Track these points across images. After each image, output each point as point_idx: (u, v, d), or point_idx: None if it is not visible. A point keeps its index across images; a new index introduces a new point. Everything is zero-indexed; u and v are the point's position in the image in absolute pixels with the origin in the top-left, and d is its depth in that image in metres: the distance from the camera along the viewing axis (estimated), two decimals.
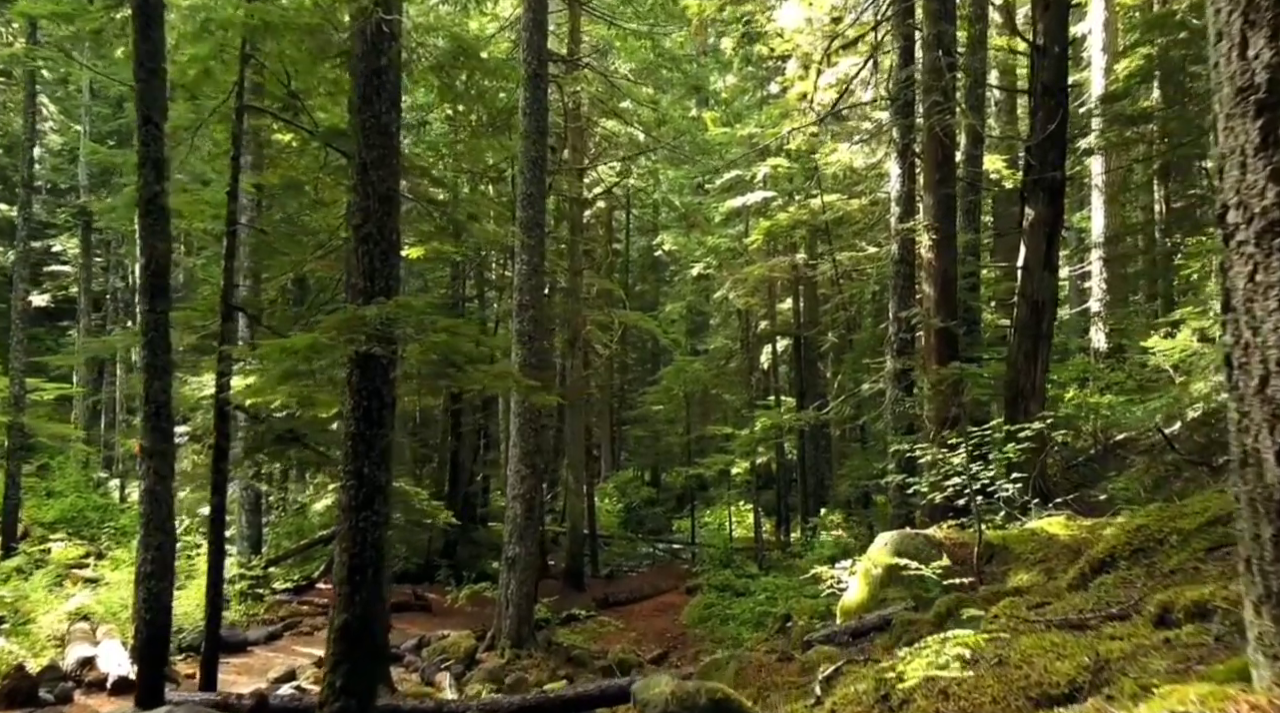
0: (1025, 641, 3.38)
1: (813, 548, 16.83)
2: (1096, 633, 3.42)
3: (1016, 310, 11.68)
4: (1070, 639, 3.31)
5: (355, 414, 6.27)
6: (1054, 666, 2.96)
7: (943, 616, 6.28)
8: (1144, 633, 3.12)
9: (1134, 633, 3.16)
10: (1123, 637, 3.17)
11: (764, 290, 24.77)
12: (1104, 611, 3.93)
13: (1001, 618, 4.37)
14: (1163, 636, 2.92)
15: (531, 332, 13.34)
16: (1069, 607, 4.25)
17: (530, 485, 13.21)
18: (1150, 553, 4.91)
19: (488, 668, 11.95)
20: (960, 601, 6.32)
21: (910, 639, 6.29)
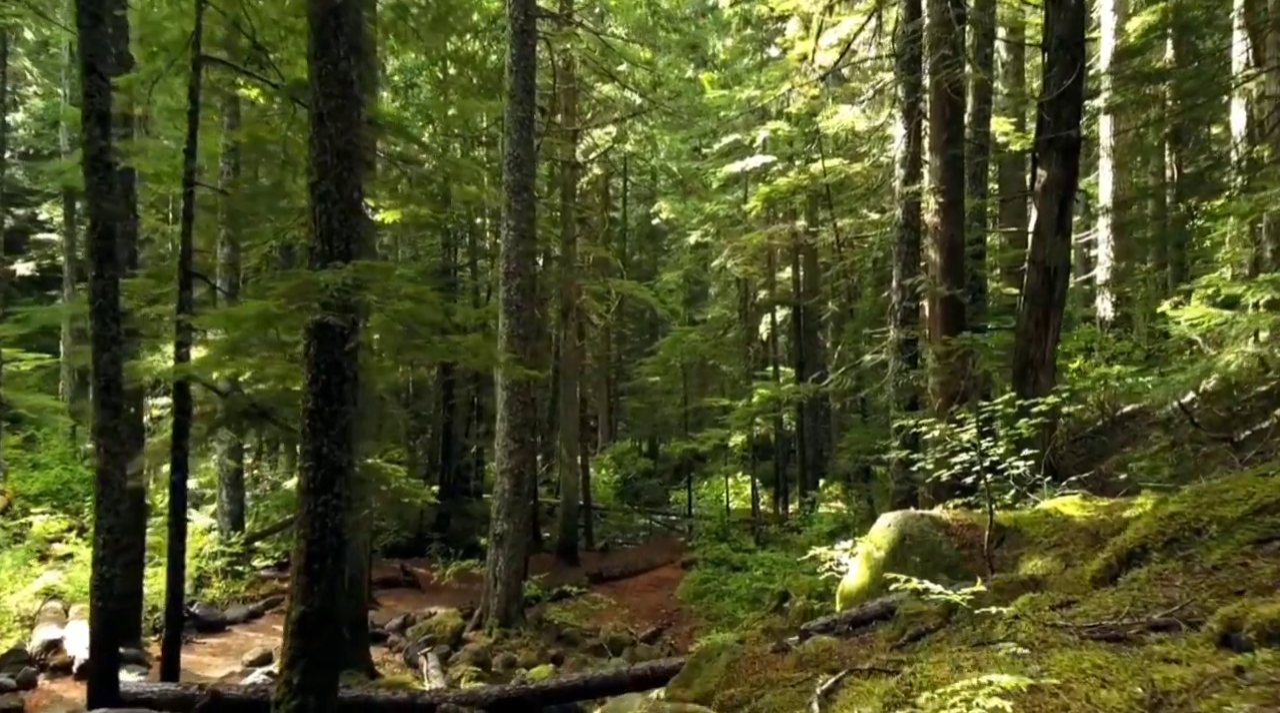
0: (1059, 658, 2.90)
1: (811, 522, 16.40)
2: (1143, 649, 2.93)
3: (1027, 277, 11.12)
4: (1113, 658, 2.82)
5: (313, 389, 5.75)
6: (1099, 695, 2.47)
7: (951, 608, 5.80)
8: (1205, 655, 2.63)
9: (1192, 654, 2.67)
10: (1179, 659, 2.68)
11: (763, 259, 24.20)
12: (1144, 617, 3.43)
13: (1023, 622, 3.88)
14: (1232, 662, 2.43)
15: (519, 301, 12.80)
16: (1101, 609, 3.75)
17: (519, 460, 12.73)
18: (1186, 544, 4.41)
19: (474, 649, 11.54)
20: (971, 591, 5.84)
21: (916, 632, 5.83)
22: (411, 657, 11.33)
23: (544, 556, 19.94)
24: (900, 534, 7.36)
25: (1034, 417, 7.34)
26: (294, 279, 5.36)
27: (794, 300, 23.52)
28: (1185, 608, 3.44)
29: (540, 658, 12.04)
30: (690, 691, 6.25)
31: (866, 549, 7.70)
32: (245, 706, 6.74)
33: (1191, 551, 4.35)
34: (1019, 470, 8.03)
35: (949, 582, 7.04)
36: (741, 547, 18.73)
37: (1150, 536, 4.63)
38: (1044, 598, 4.28)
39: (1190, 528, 4.52)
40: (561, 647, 12.84)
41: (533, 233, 13.56)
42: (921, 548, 7.17)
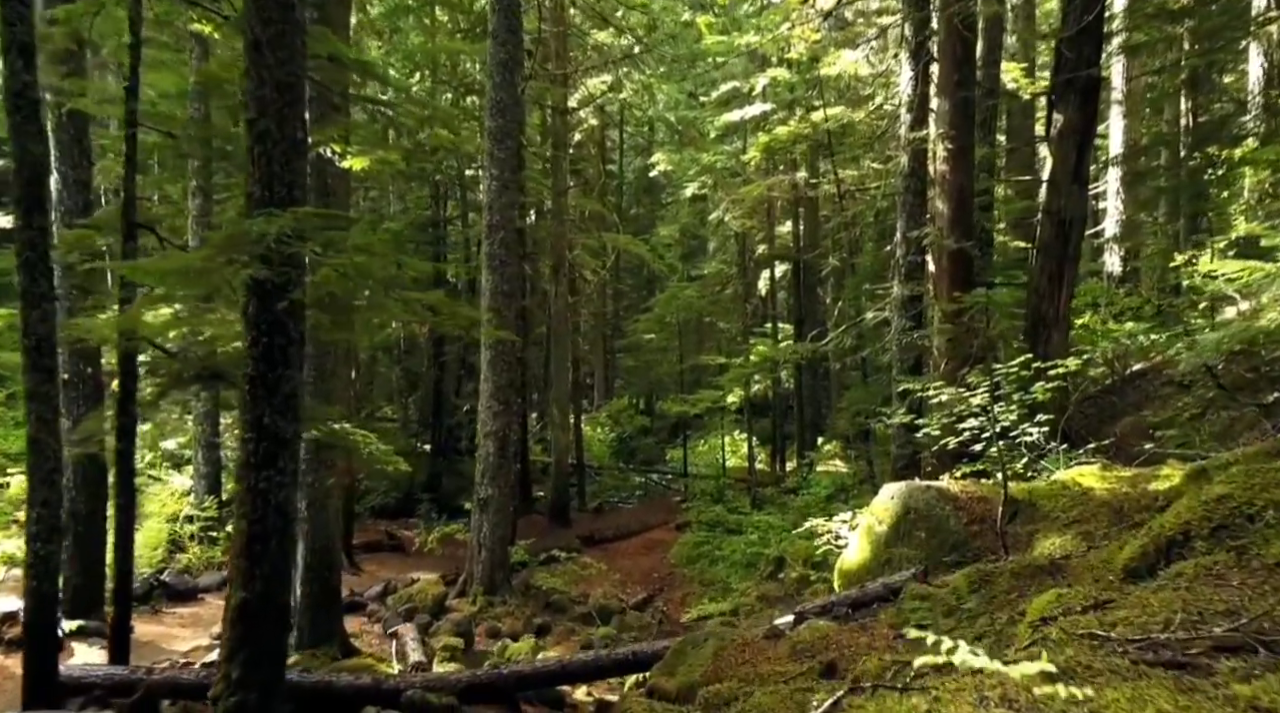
0: (1112, 695, 2.34)
1: (808, 485, 15.90)
2: (1216, 684, 2.38)
3: (1040, 229, 10.47)
4: (1184, 700, 2.27)
5: (254, 352, 5.15)
6: None
7: (961, 593, 5.26)
8: None
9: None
10: (1271, 705, 2.12)
11: (762, 212, 23.44)
12: (1204, 630, 2.88)
13: (1053, 628, 3.31)
14: None
15: (504, 256, 12.14)
16: (1146, 615, 3.18)
17: (504, 422, 12.17)
18: (1238, 533, 3.84)
19: (456, 619, 11.08)
20: (983, 574, 5.29)
21: (922, 621, 5.29)
22: (391, 626, 10.87)
23: (535, 517, 19.51)
24: (904, 507, 6.81)
25: (1051, 380, 6.75)
26: (225, 229, 4.74)
27: (794, 255, 22.82)
28: (1254, 620, 2.87)
29: (526, 627, 11.59)
30: (674, 680, 5.73)
31: (867, 523, 7.16)
32: (196, 691, 6.24)
33: (1244, 541, 3.77)
34: (1032, 437, 7.47)
35: (957, 560, 6.51)
36: (737, 509, 18.28)
37: (1194, 521, 4.05)
38: (1074, 595, 3.71)
39: (1241, 513, 3.94)
40: (548, 615, 12.40)
41: (518, 183, 12.85)
42: (927, 523, 6.63)
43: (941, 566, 6.38)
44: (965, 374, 9.48)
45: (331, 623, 9.34)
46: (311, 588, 9.20)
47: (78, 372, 10.01)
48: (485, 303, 12.20)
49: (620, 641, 11.61)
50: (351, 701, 6.45)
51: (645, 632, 12.08)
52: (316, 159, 9.10)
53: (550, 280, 19.96)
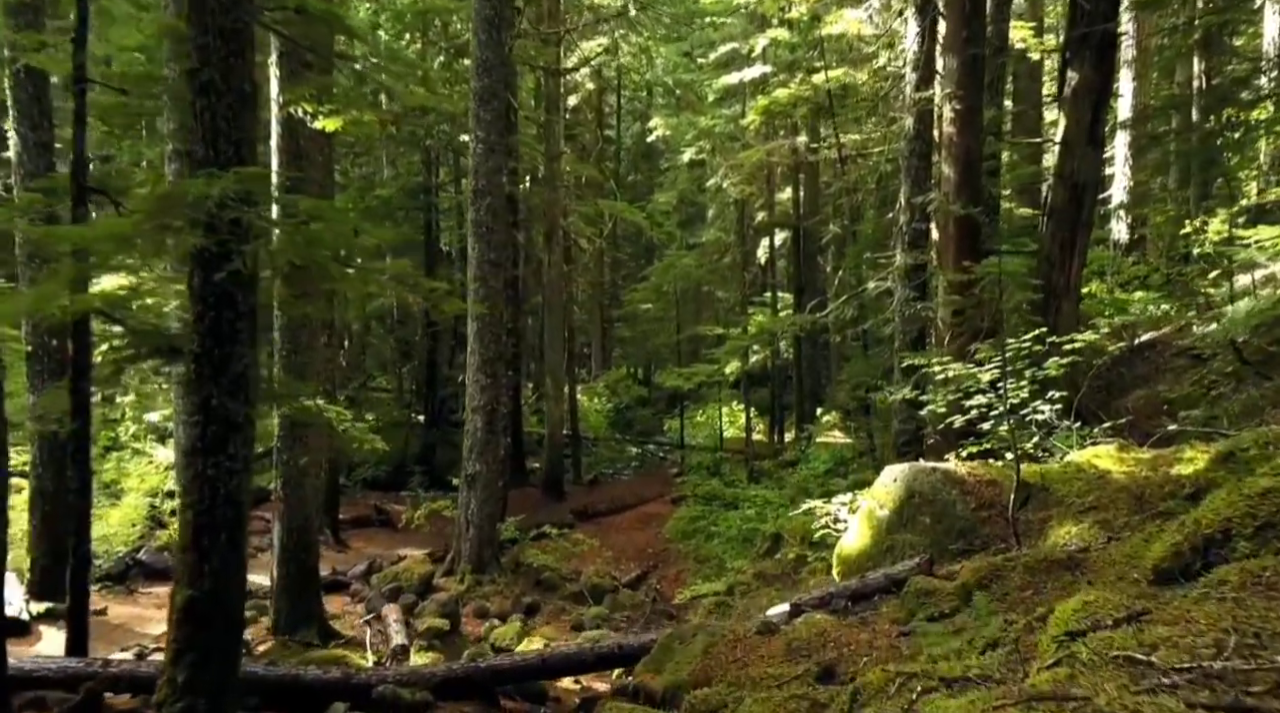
0: None
1: (807, 459, 15.51)
2: None
3: (1051, 194, 9.98)
4: None
5: (199, 328, 4.71)
6: None
7: (970, 588, 4.85)
8: None
9: None
10: None
11: (761, 178, 22.85)
12: (1265, 656, 2.47)
13: (1082, 648, 2.90)
14: None
15: (490, 223, 11.65)
16: (1191, 634, 2.77)
17: (491, 396, 11.75)
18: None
19: (441, 599, 10.71)
20: (994, 568, 4.88)
21: (928, 615, 4.89)
22: (375, 608, 10.50)
23: (529, 490, 19.15)
24: (908, 491, 6.40)
25: (1065, 355, 6.30)
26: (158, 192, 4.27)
27: (794, 222, 22.27)
28: None
29: (514, 607, 11.25)
30: (660, 678, 5.35)
31: (868, 507, 6.76)
32: (155, 684, 5.84)
33: None
34: (1043, 416, 7.05)
35: (964, 548, 6.11)
36: (734, 481, 17.93)
37: (1235, 517, 3.63)
38: (1102, 603, 3.29)
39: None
40: (538, 594, 12.06)
41: (505, 146, 12.32)
42: (932, 508, 6.22)
43: (947, 554, 5.99)
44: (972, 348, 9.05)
45: (309, 605, 8.98)
46: (288, 569, 8.82)
47: (42, 345, 9.59)
48: (471, 272, 11.74)
49: (611, 620, 11.28)
50: (320, 695, 6.08)
51: (638, 611, 11.74)
52: (287, 120, 8.60)
53: (544, 249, 19.44)
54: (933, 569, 5.70)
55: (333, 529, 13.69)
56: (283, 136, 8.63)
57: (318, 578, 9.17)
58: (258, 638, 8.83)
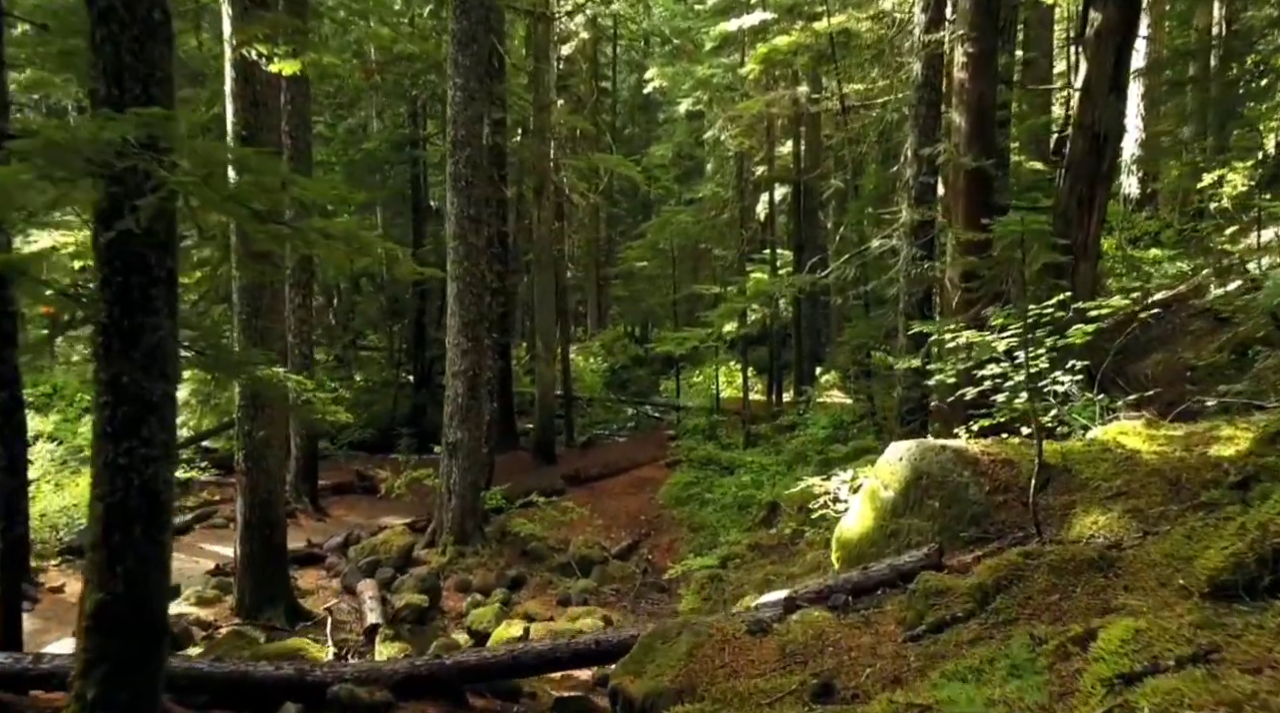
0: None
1: (805, 423, 14.97)
2: None
3: (1070, 145, 9.29)
4: None
5: (106, 294, 4.10)
6: None
7: (987, 590, 4.30)
8: None
9: None
10: None
11: (761, 131, 22.03)
12: None
13: (1144, 704, 2.34)
14: None
15: (470, 176, 10.96)
16: None
17: (473, 361, 11.16)
18: None
19: (420, 574, 10.22)
20: (1014, 567, 4.32)
21: (938, 621, 4.34)
22: (350, 583, 10.03)
23: (519, 454, 18.64)
24: (914, 471, 5.83)
25: (1091, 322, 5.69)
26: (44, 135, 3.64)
27: (794, 177, 21.50)
28: None
29: (498, 580, 10.77)
30: (640, 683, 4.81)
31: (871, 486, 6.19)
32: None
33: None
34: (1063, 387, 6.47)
35: (977, 536, 5.56)
36: (729, 444, 17.41)
37: None
38: (1156, 632, 2.73)
39: None
40: (524, 565, 11.57)
41: (486, 94, 11.58)
42: (942, 491, 5.65)
43: (958, 542, 5.44)
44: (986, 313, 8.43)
45: (276, 584, 8.48)
46: (251, 547, 8.31)
47: None
48: (450, 229, 11.09)
49: (599, 594, 10.82)
50: (272, 693, 5.57)
51: (627, 584, 11.28)
52: (241, 63, 7.90)
53: (532, 204, 18.72)
54: (943, 560, 5.15)
55: (311, 498, 13.19)
56: (237, 81, 7.93)
57: (284, 555, 8.66)
58: (221, 618, 8.35)
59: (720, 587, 10.22)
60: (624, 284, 29.78)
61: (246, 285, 8.05)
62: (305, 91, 13.27)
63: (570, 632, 8.14)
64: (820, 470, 12.82)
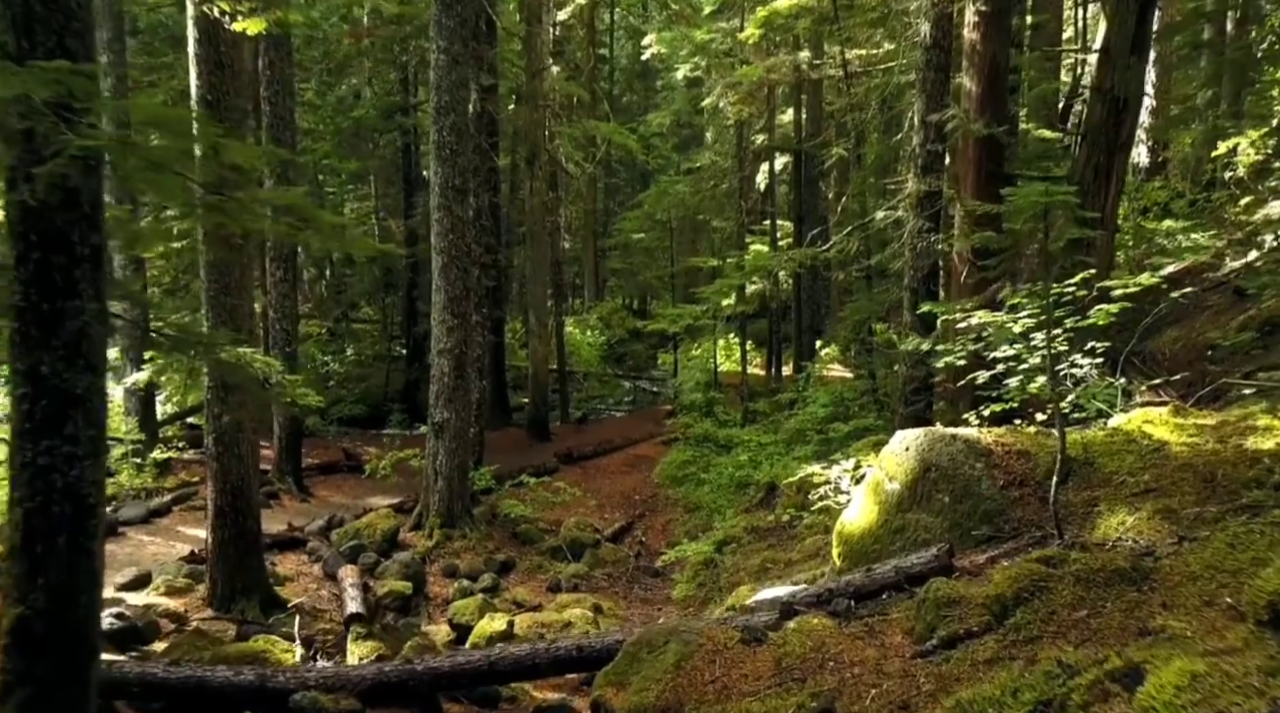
0: None
1: (805, 401, 14.55)
2: None
3: (1087, 111, 8.80)
4: None
5: (21, 274, 3.65)
6: None
7: (1006, 601, 3.89)
8: None
9: None
10: None
11: (761, 98, 21.43)
12: None
13: None
14: None
15: (454, 144, 10.45)
16: None
17: (459, 338, 10.71)
18: None
19: (404, 560, 9.85)
20: (1035, 577, 3.91)
21: (950, 635, 3.93)
22: (332, 569, 9.66)
23: (513, 431, 18.26)
24: (923, 463, 5.41)
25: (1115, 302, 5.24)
26: None
27: (795, 146, 20.94)
28: None
29: (486, 565, 10.41)
30: (624, 696, 4.42)
31: (876, 478, 5.77)
32: None
33: None
34: (1082, 370, 6.04)
35: (991, 534, 5.15)
36: (727, 420, 17.02)
37: None
38: (1219, 682, 2.32)
39: None
40: (514, 549, 11.22)
41: (472, 57, 11.04)
42: (952, 484, 5.23)
43: (970, 540, 5.03)
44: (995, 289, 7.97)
45: (250, 574, 8.10)
46: (223, 535, 7.91)
47: None
48: (434, 201, 10.59)
49: (590, 580, 10.46)
50: (231, 700, 5.19)
51: (620, 568, 10.91)
52: (204, 21, 7.38)
53: (523, 174, 18.18)
54: (953, 562, 4.74)
55: (295, 478, 12.80)
56: (200, 42, 7.42)
57: (259, 543, 8.26)
58: (192, 609, 7.97)
59: (715, 573, 9.86)
60: (620, 257, 29.21)
61: (213, 261, 7.59)
62: (287, 56, 12.72)
63: (557, 623, 7.77)
64: (820, 450, 12.45)
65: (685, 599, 9.43)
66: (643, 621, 9.18)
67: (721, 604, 8.62)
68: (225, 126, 7.31)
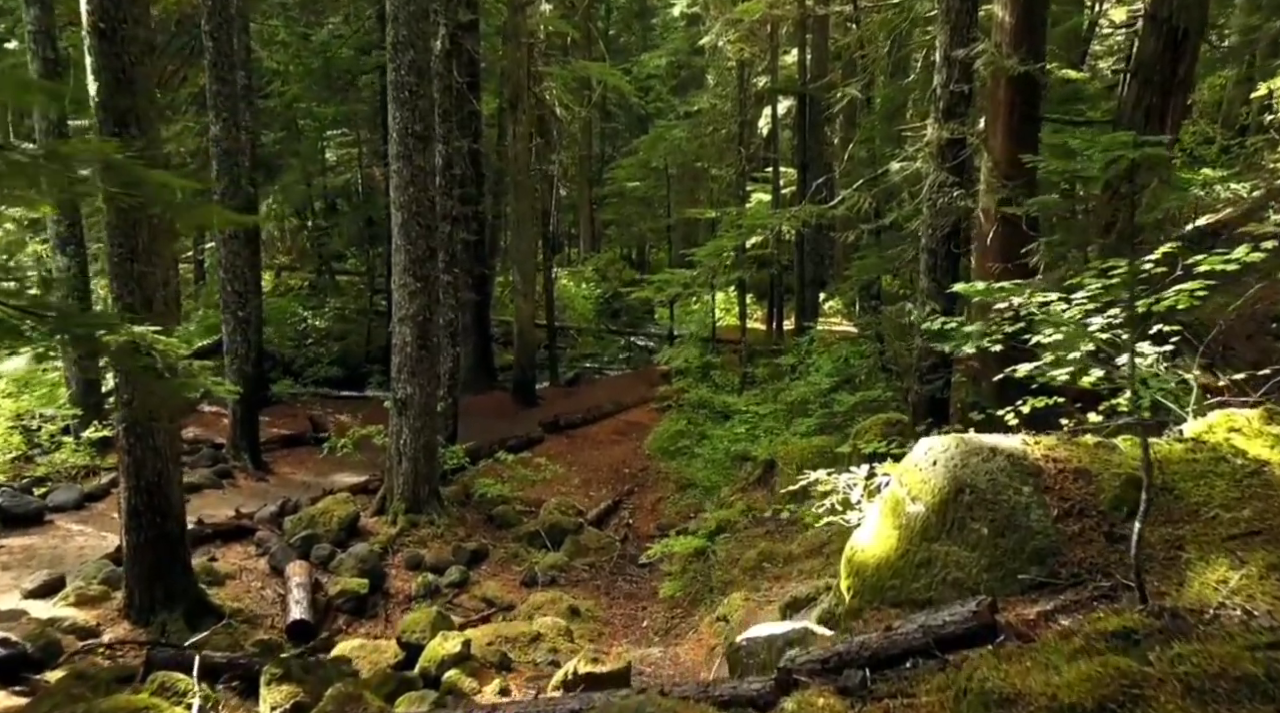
0: None
1: (807, 369, 13.47)
2: None
3: (1139, 43, 7.57)
4: None
5: None
6: None
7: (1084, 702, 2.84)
8: None
9: None
10: None
11: (763, 37, 20.02)
12: None
13: None
14: None
15: (415, 84, 9.24)
16: None
17: (423, 304, 9.60)
18: None
19: (360, 553, 8.86)
20: (1122, 677, 2.86)
21: None
22: (280, 563, 8.68)
23: (497, 394, 17.23)
24: (954, 482, 4.33)
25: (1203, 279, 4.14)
26: None
27: (799, 88, 19.56)
28: None
29: (455, 554, 9.45)
30: None
31: (895, 495, 4.70)
32: None
33: None
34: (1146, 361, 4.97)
35: (1042, 580, 4.11)
36: (725, 385, 15.98)
37: None
38: None
39: None
40: (488, 534, 10.25)
41: None
42: (992, 511, 4.17)
43: (1016, 585, 3.98)
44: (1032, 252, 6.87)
45: (173, 579, 7.11)
46: (139, 538, 6.91)
47: None
48: (392, 149, 9.41)
49: (570, 571, 9.51)
50: None
51: (604, 557, 9.96)
52: None
53: (509, 120, 16.89)
54: (996, 620, 3.70)
55: (252, 453, 11.78)
56: None
57: (183, 545, 7.26)
58: (106, 622, 7.00)
59: (707, 565, 8.88)
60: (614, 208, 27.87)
61: (116, 221, 6.46)
62: None
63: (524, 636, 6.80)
64: (824, 423, 11.41)
65: (673, 598, 8.47)
66: (625, 625, 8.24)
67: (712, 612, 7.66)
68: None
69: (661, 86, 30.96)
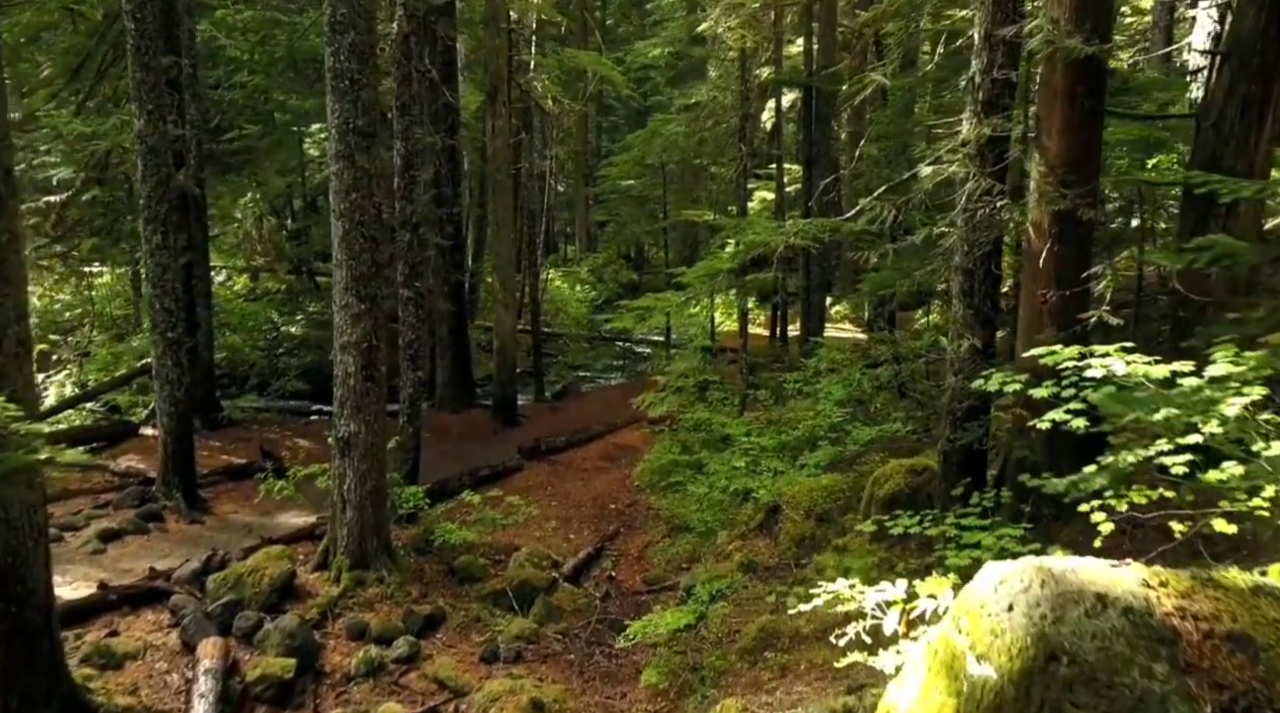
0: None
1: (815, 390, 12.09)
2: None
3: (1233, 20, 6.19)
4: None
5: None
6: None
7: None
8: None
9: None
10: None
11: (766, 24, 18.63)
12: None
13: None
14: None
15: (357, 72, 7.88)
16: None
17: (367, 328, 8.24)
18: None
19: (288, 626, 7.49)
20: None
21: None
22: (193, 639, 7.34)
23: (475, 413, 15.88)
24: (1042, 644, 2.91)
25: None
26: None
27: (805, 79, 18.19)
28: None
29: (406, 621, 8.09)
30: None
31: (949, 646, 3.29)
32: None
33: None
34: None
35: None
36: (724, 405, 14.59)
37: None
38: None
39: None
40: (446, 592, 8.88)
41: None
42: (1109, 702, 2.78)
43: None
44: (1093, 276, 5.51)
45: (35, 680, 5.77)
46: None
47: None
48: (332, 148, 8.05)
49: (540, 642, 8.15)
50: None
51: (580, 621, 8.61)
52: None
53: (489, 114, 15.52)
54: None
55: (185, 491, 10.40)
56: None
57: (49, 636, 5.92)
58: None
59: (698, 642, 7.52)
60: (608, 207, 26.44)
61: None
62: None
63: None
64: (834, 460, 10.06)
65: (656, 687, 7.11)
66: None
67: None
68: None
69: (659, 78, 29.60)
